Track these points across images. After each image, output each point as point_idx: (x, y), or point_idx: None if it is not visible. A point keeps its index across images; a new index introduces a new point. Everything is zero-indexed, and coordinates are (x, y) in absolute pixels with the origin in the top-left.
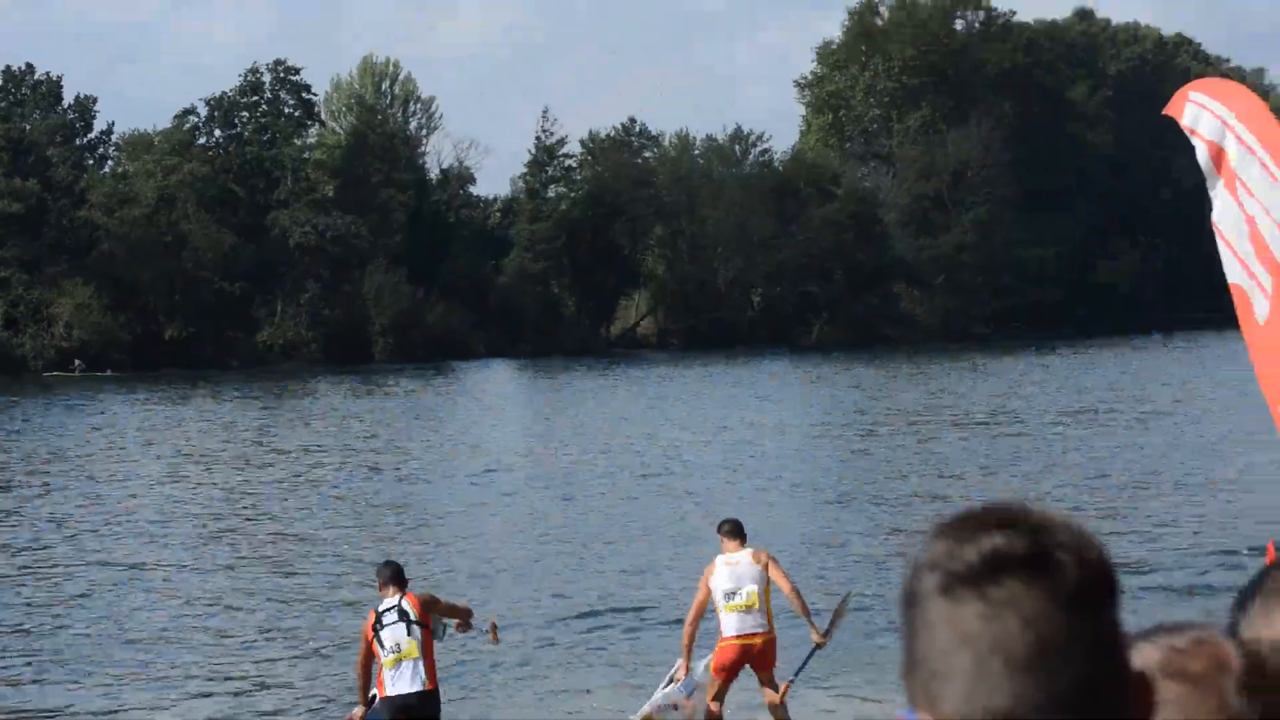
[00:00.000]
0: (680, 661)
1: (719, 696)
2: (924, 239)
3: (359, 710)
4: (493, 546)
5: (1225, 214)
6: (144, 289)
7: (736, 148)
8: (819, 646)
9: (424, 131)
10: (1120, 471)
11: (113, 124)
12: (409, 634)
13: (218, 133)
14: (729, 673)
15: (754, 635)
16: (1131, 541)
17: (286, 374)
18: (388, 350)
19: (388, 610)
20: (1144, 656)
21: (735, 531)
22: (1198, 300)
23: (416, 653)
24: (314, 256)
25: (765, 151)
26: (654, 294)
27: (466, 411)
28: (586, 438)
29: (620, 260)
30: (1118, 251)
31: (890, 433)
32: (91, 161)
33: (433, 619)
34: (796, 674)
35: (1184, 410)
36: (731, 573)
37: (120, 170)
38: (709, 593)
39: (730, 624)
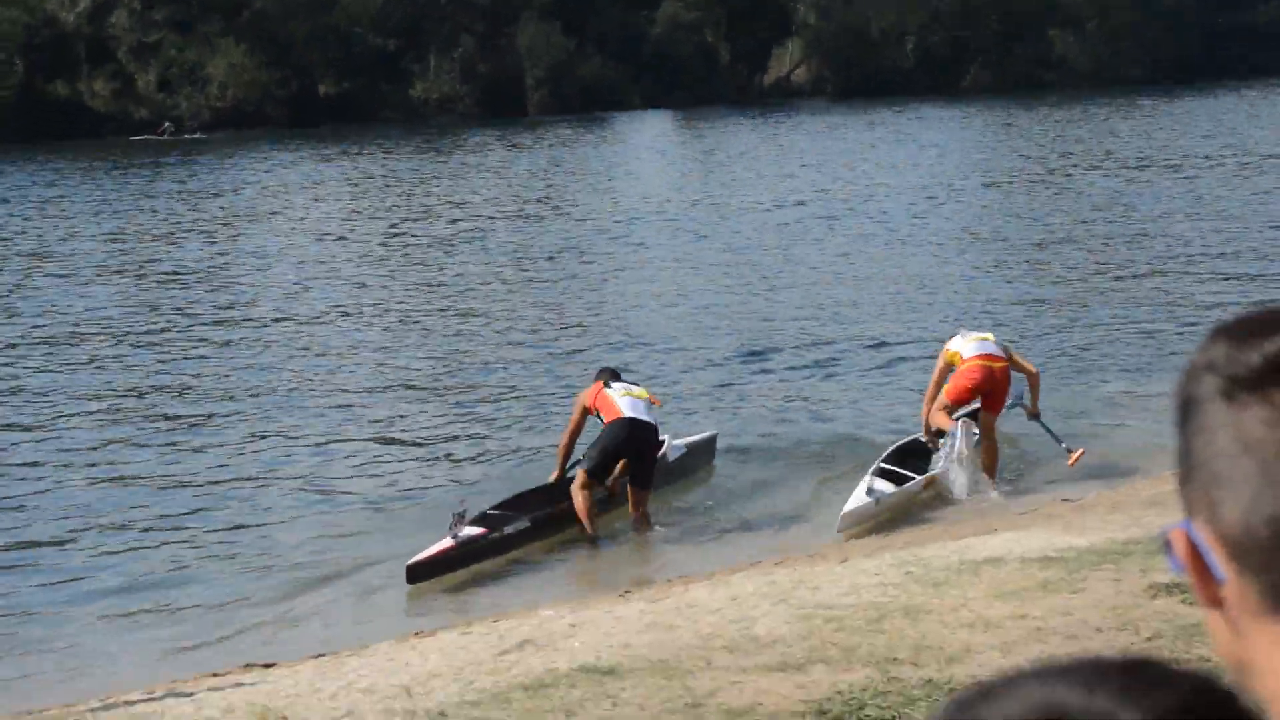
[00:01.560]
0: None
1: (958, 410)
2: None
3: (554, 476)
4: (674, 291)
5: None
6: (297, 47)
7: None
8: (1035, 417)
9: None
10: None
11: None
12: (641, 389)
13: None
14: (970, 395)
15: (996, 358)
16: None
17: (443, 127)
18: (542, 103)
19: (617, 384)
20: None
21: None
22: None
23: (647, 396)
24: (466, 10)
25: None
26: (808, 42)
27: (635, 160)
28: (755, 184)
29: (773, 8)
30: None
31: (1064, 176)
32: None
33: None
34: (1061, 442)
35: None
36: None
37: None
38: (949, 360)
39: (970, 349)
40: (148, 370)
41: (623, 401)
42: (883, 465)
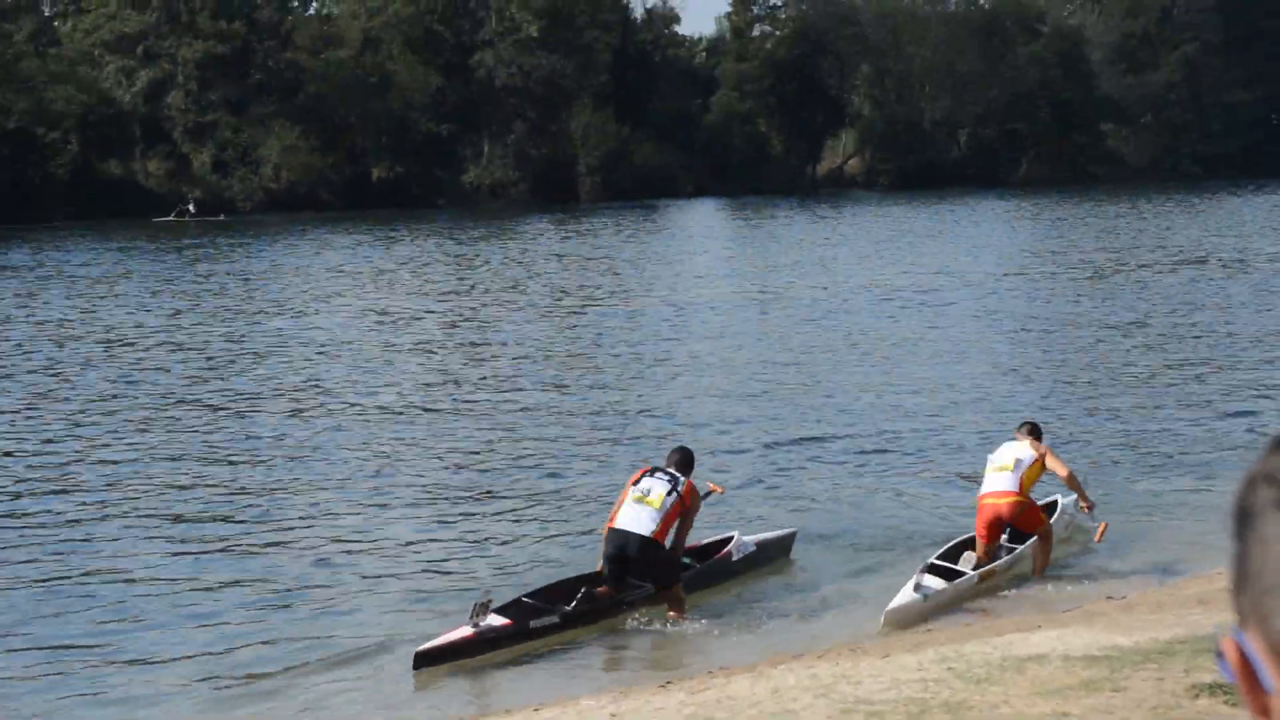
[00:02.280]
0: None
1: (984, 554)
2: (1131, 77)
3: (600, 566)
4: (721, 375)
5: None
6: (351, 130)
7: None
8: (1088, 509)
9: None
10: None
11: None
12: (666, 491)
13: None
14: (986, 533)
15: (1002, 494)
16: None
17: (495, 213)
18: (595, 189)
19: (662, 470)
20: None
21: (1031, 434)
22: None
23: (659, 505)
24: (520, 97)
25: None
26: (861, 133)
27: (688, 248)
28: (807, 274)
29: (827, 99)
30: None
31: (1113, 272)
32: (296, 3)
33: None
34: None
35: None
36: (1006, 448)
37: (325, 12)
38: None
39: (984, 485)
40: (196, 456)
41: (626, 509)
42: (934, 562)
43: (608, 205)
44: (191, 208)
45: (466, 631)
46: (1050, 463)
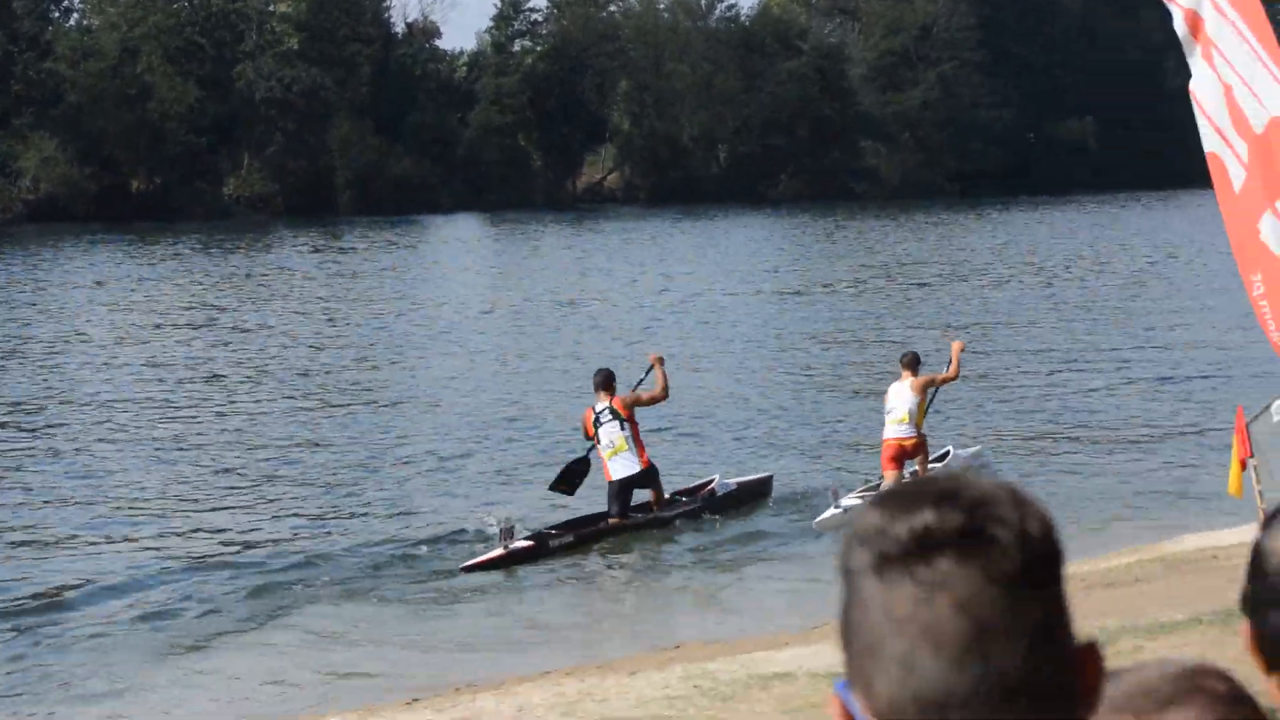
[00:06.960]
0: None
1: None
2: (890, 95)
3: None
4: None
5: (1202, 83)
6: (110, 142)
7: (702, 2)
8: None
9: None
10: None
11: None
12: (620, 430)
13: None
14: (892, 464)
15: (905, 439)
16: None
17: (252, 226)
18: (353, 203)
19: (602, 411)
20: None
21: (911, 364)
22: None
23: (626, 446)
24: (280, 109)
25: (731, 7)
26: (621, 149)
27: (442, 261)
28: (560, 287)
29: (587, 115)
30: (1074, 114)
31: (860, 287)
32: (57, 14)
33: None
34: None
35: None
36: (895, 394)
37: (85, 23)
38: None
39: (888, 430)
40: None
41: (610, 464)
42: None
43: (366, 218)
44: None
45: (499, 551)
46: (932, 386)
